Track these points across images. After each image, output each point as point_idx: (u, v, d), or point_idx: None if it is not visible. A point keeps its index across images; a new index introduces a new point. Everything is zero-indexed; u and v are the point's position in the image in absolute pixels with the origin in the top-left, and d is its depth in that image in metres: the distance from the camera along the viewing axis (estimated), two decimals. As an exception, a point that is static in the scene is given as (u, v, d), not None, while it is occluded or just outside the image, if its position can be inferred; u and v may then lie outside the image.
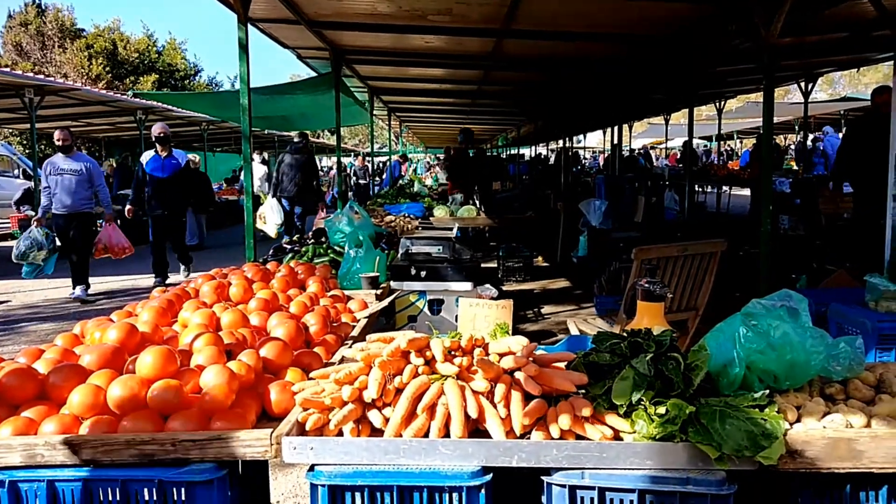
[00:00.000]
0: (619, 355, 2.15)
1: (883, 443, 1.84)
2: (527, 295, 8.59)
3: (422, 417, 2.02)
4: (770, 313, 2.09)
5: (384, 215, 7.60)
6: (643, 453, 1.88)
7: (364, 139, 47.42)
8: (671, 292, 3.84)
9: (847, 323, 4.00)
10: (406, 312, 4.50)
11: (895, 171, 5.09)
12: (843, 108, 16.92)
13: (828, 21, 7.36)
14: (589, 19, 6.89)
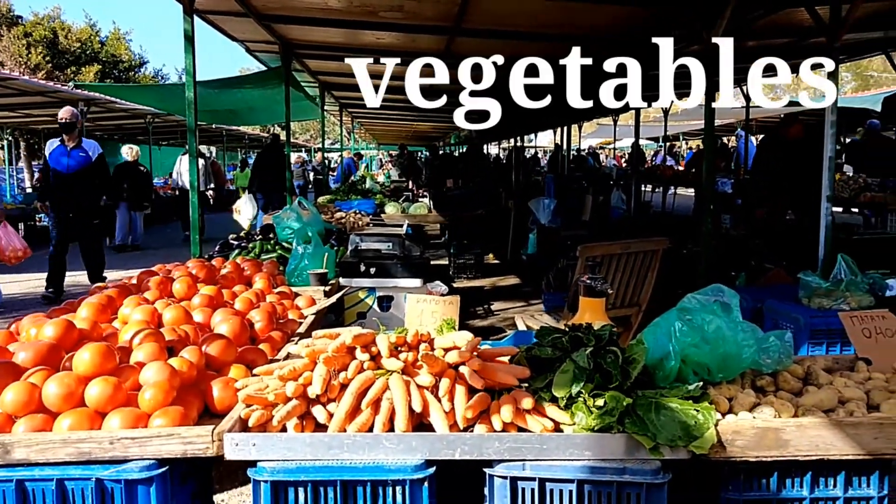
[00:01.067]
0: (561, 349, 2.20)
1: (807, 432, 1.93)
2: (477, 291, 8.66)
3: (366, 412, 2.03)
4: (704, 308, 2.17)
5: (335, 212, 7.55)
6: (582, 444, 1.93)
7: (316, 134, 46.92)
8: (612, 289, 3.94)
9: (781, 318, 4.16)
10: (355, 309, 4.49)
11: (829, 175, 5.32)
12: (784, 112, 17.46)
13: (769, 27, 7.63)
14: (538, 20, 6.97)
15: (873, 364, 2.44)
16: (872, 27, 7.95)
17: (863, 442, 1.91)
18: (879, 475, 1.97)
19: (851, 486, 1.98)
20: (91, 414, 2.09)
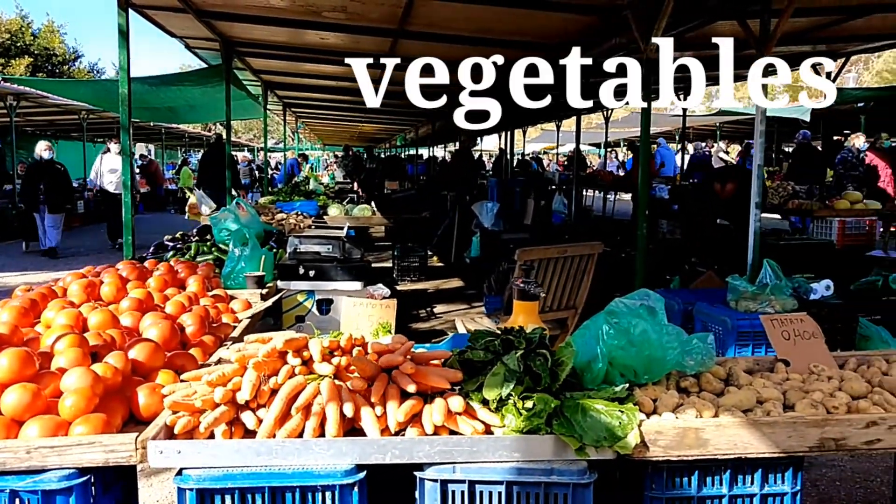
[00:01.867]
0: (493, 352, 2.23)
1: (726, 431, 2.00)
2: (421, 294, 8.67)
3: (296, 418, 2.01)
4: (631, 312, 2.22)
5: (275, 213, 7.43)
6: (511, 446, 1.96)
7: (260, 134, 46.10)
8: (544, 292, 4.00)
9: (710, 321, 4.30)
10: (294, 312, 4.44)
11: (758, 182, 5.53)
12: (719, 120, 18.15)
13: (705, 39, 7.87)
14: (481, 24, 7.04)
15: (791, 365, 2.55)
16: (801, 41, 8.31)
17: (778, 440, 2.00)
18: (793, 472, 2.06)
19: (768, 482, 2.06)
20: (7, 422, 2.01)
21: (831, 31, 7.67)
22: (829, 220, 8.42)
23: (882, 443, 2.04)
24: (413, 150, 23.60)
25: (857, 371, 2.51)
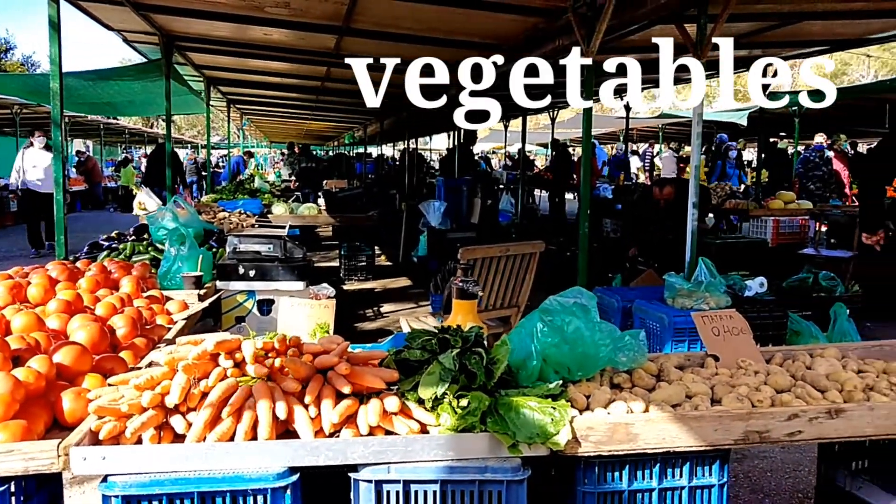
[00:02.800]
0: (430, 351, 2.23)
1: (655, 426, 2.05)
2: (368, 294, 8.62)
3: (228, 421, 1.97)
4: (565, 310, 2.26)
5: (217, 211, 7.28)
6: (446, 445, 1.96)
7: (204, 130, 45.12)
8: (482, 290, 4.03)
9: (648, 318, 4.40)
10: (234, 313, 4.35)
11: (695, 182, 5.68)
12: (661, 122, 18.59)
13: (647, 42, 8.05)
14: (428, 24, 7.03)
15: (721, 360, 2.63)
16: (736, 46, 8.56)
17: (705, 434, 2.05)
18: (720, 464, 2.12)
19: (696, 475, 2.11)
20: (-82, 431, 1.91)
21: (765, 37, 7.94)
22: (764, 220, 8.71)
23: (803, 434, 2.12)
24: (362, 149, 23.45)
25: (782, 365, 2.61)
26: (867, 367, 2.58)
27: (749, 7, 6.22)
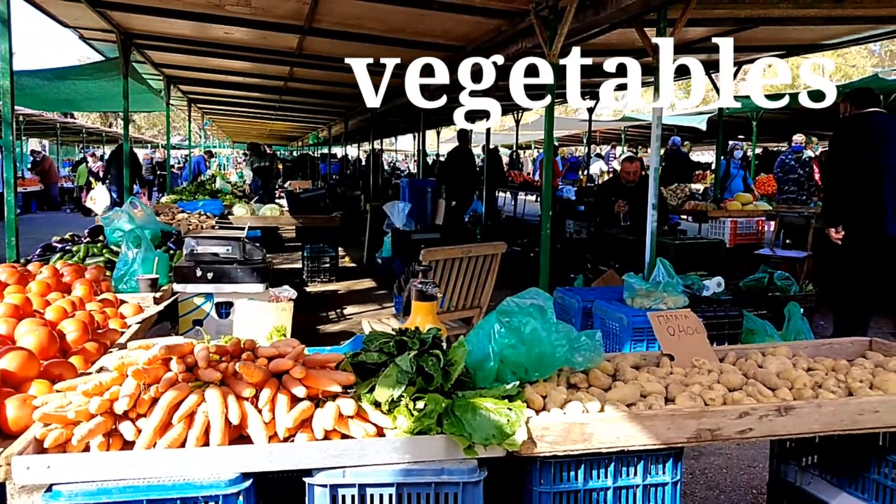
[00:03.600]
0: (387, 354, 2.21)
1: (610, 425, 2.07)
2: (332, 295, 8.56)
3: (179, 427, 1.93)
4: (522, 311, 2.26)
5: (176, 213, 7.16)
6: (402, 448, 1.95)
7: (164, 129, 44.30)
8: (442, 292, 4.03)
9: (608, 318, 4.45)
10: (191, 316, 4.27)
11: (654, 185, 5.76)
12: (624, 125, 18.86)
13: (609, 46, 8.15)
14: (391, 25, 7.02)
15: (676, 359, 2.66)
16: (697, 51, 8.73)
17: (658, 432, 2.08)
18: (674, 462, 2.15)
19: (650, 473, 2.14)
20: None
21: (723, 42, 8.09)
22: (723, 221, 8.89)
23: (753, 431, 2.16)
24: (326, 149, 23.29)
25: (735, 364, 2.65)
26: (817, 366, 2.64)
27: (707, 12, 6.33)
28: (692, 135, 19.23)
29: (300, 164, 24.09)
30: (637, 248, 6.10)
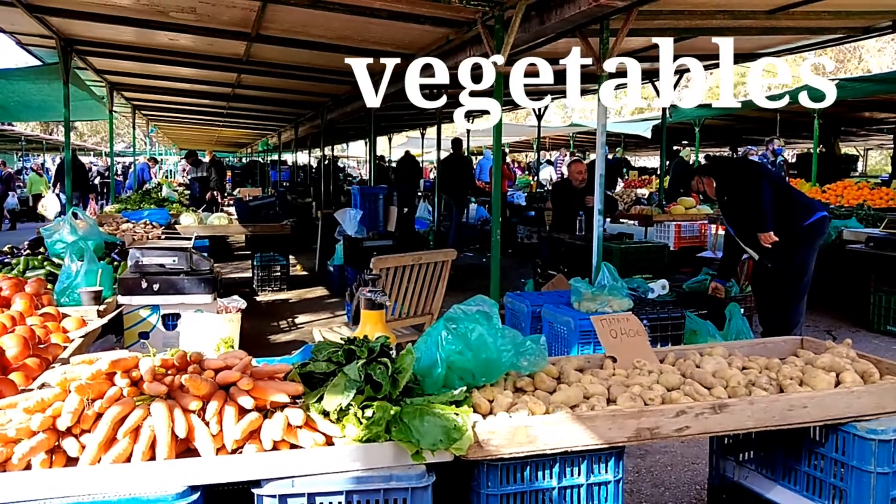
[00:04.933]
0: (335, 363, 2.23)
1: (554, 427, 2.13)
2: (283, 304, 8.49)
3: (124, 442, 1.92)
4: (468, 317, 2.32)
5: (121, 223, 7.01)
6: (351, 456, 1.98)
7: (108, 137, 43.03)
8: (391, 300, 4.06)
9: (556, 322, 4.54)
10: (137, 329, 4.20)
11: (600, 190, 5.90)
12: (572, 131, 19.21)
13: (557, 55, 8.31)
14: (339, 32, 7.02)
15: (618, 361, 2.75)
16: (641, 59, 8.96)
17: (600, 432, 2.15)
18: (615, 461, 2.23)
19: (593, 473, 2.21)
20: None
21: (665, 51, 8.35)
22: (667, 225, 9.14)
23: (690, 429, 2.25)
24: (276, 156, 23.03)
25: (674, 364, 2.76)
26: (751, 364, 2.76)
27: (648, 22, 6.53)
28: (638, 141, 19.75)
29: (249, 171, 23.76)
30: (586, 253, 6.23)
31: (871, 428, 2.37)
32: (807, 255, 5.17)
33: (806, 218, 5.13)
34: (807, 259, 5.18)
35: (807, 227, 5.12)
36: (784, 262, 5.23)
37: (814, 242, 5.18)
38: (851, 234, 7.36)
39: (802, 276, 5.18)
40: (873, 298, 6.73)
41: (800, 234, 5.16)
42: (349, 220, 8.48)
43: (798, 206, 5.19)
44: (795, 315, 5.18)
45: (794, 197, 5.28)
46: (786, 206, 5.11)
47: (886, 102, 12.34)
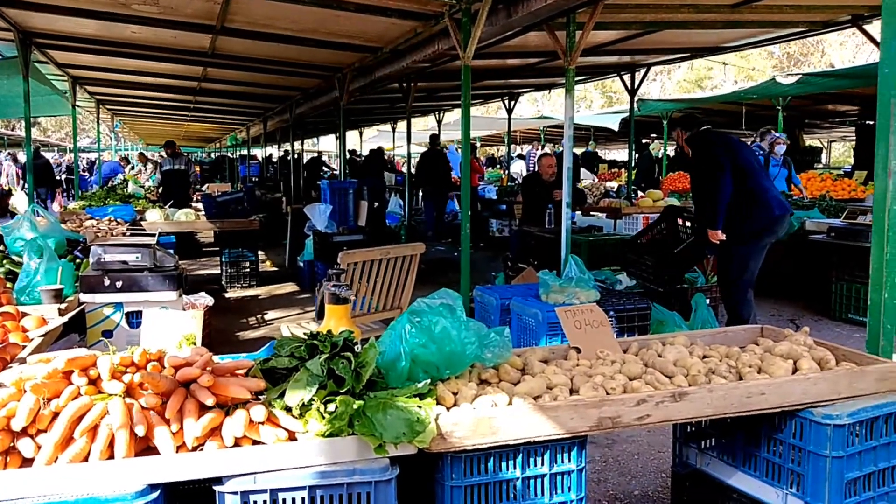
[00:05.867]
0: (298, 358, 2.23)
1: (517, 418, 2.14)
2: (252, 301, 8.41)
3: (81, 441, 1.89)
4: (432, 311, 2.32)
5: (85, 219, 6.88)
6: (314, 451, 1.97)
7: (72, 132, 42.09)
8: (353, 295, 4.05)
9: (524, 314, 4.57)
10: (100, 327, 4.13)
11: (568, 184, 5.95)
12: (542, 124, 19.29)
13: (526, 48, 8.34)
14: (306, 25, 6.96)
15: (582, 352, 2.78)
16: (607, 53, 9.04)
17: (562, 422, 2.17)
18: (578, 450, 2.25)
19: (556, 462, 2.23)
20: None
21: (632, 44, 8.43)
22: (635, 217, 9.24)
23: (651, 417, 2.29)
24: (245, 151, 22.78)
25: (637, 354, 2.79)
26: (711, 353, 2.81)
27: (614, 16, 6.58)
28: (607, 135, 19.91)
29: (218, 166, 23.48)
30: (555, 246, 6.28)
31: (826, 413, 2.43)
32: (752, 252, 5.12)
33: (761, 214, 5.06)
34: (751, 257, 5.13)
35: (760, 224, 5.07)
36: (725, 258, 5.22)
37: (762, 240, 5.13)
38: (814, 224, 7.50)
39: (744, 273, 5.14)
40: (835, 287, 6.88)
41: (751, 230, 5.09)
42: (319, 215, 8.42)
43: (758, 200, 5.07)
44: (742, 308, 5.17)
45: (756, 188, 5.12)
46: (746, 196, 5.04)
47: (849, 96, 12.60)
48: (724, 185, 4.98)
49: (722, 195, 4.98)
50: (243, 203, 9.09)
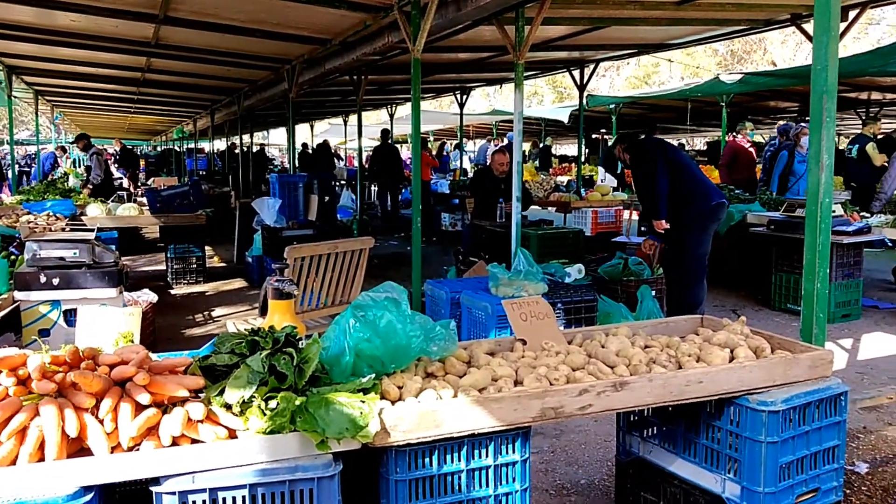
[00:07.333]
0: (239, 355, 2.18)
1: (461, 410, 2.15)
2: (199, 297, 8.24)
3: (9, 444, 1.82)
4: (377, 304, 2.30)
5: (21, 214, 6.62)
6: (254, 448, 1.94)
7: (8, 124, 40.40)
8: (298, 290, 4.01)
9: (474, 307, 4.59)
10: (36, 326, 3.98)
11: (518, 178, 5.99)
12: (495, 119, 19.40)
13: (477, 42, 8.35)
14: (252, 15, 6.84)
15: (528, 344, 2.81)
16: (557, 49, 9.12)
17: (505, 414, 2.19)
18: (522, 441, 2.27)
19: (500, 453, 2.25)
20: None
21: (581, 40, 8.54)
22: (584, 211, 9.38)
23: (593, 407, 2.32)
24: (192, 144, 22.27)
25: (581, 345, 2.83)
26: (653, 343, 2.87)
27: (562, 11, 6.65)
28: (559, 129, 20.13)
29: (164, 159, 22.89)
30: (505, 240, 6.32)
31: (761, 400, 2.51)
32: (700, 238, 5.56)
33: (701, 204, 5.47)
34: (699, 243, 5.57)
35: (700, 212, 5.49)
36: (678, 246, 5.62)
37: (706, 227, 5.59)
38: (755, 217, 7.73)
39: (697, 259, 5.55)
40: (774, 278, 7.11)
41: (694, 219, 5.49)
42: (268, 210, 8.29)
43: (695, 192, 5.50)
44: (695, 295, 5.52)
45: (693, 182, 5.58)
46: (685, 190, 5.49)
47: (789, 93, 13.02)
48: (661, 178, 5.40)
49: (660, 188, 5.44)
50: (189, 197, 8.88)
